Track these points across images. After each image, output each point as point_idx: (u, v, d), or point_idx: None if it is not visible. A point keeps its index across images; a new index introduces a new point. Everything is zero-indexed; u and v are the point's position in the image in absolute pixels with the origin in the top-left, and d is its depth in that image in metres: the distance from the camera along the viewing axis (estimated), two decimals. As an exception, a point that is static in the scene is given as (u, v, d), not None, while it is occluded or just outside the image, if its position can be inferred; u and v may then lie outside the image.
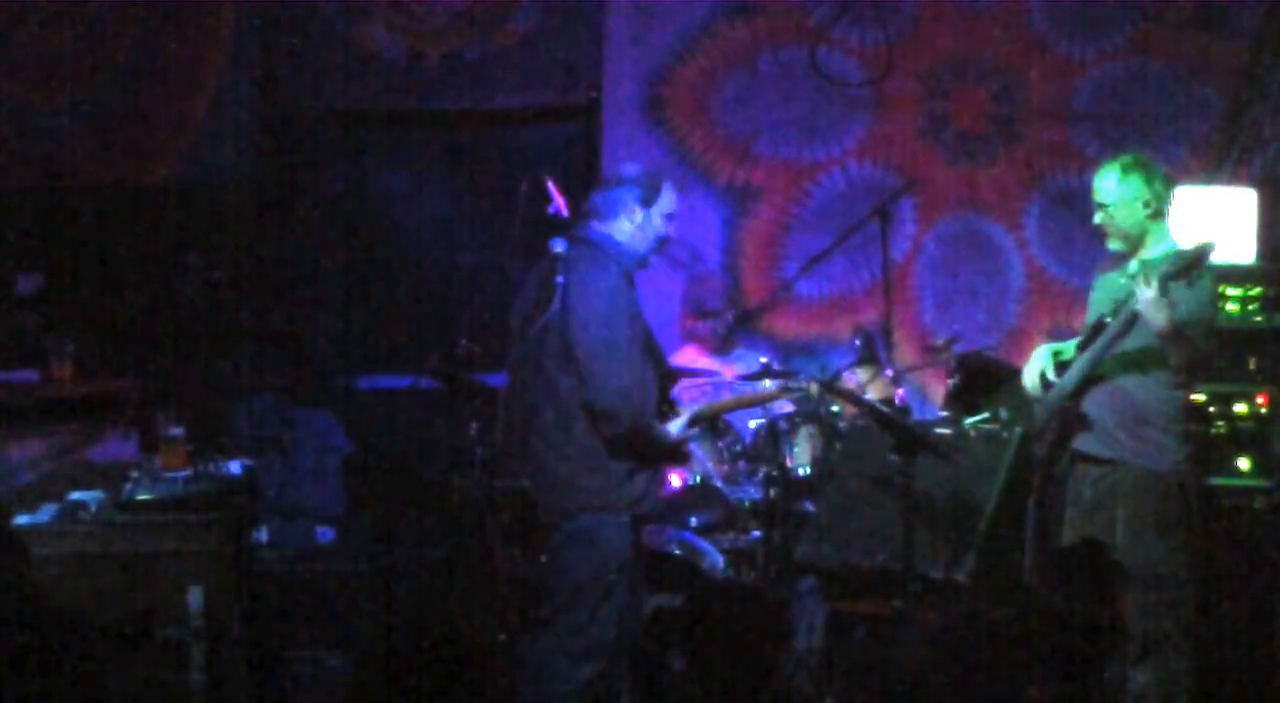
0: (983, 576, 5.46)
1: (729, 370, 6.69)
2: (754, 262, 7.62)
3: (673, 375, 5.21)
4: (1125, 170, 4.96)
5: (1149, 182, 4.95)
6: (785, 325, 7.57)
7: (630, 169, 4.96)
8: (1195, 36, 7.23)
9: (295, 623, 6.13)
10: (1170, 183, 5.04)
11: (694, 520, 6.12)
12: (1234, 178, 6.83)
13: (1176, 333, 4.73)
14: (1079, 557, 5.05)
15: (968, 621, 5.44)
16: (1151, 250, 4.98)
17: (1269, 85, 7.07)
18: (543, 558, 4.91)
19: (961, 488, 5.53)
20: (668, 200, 4.82)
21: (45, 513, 5.09)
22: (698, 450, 6.21)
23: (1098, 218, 5.02)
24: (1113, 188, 4.96)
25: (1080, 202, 6.48)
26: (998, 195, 7.48)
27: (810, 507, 6.13)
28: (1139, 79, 7.29)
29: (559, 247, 4.70)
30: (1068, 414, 5.02)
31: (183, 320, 7.50)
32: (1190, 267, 4.68)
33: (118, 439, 5.91)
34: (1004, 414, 6.11)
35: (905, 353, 7.20)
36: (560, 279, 4.63)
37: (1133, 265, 4.99)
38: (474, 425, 5.90)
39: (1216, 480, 5.72)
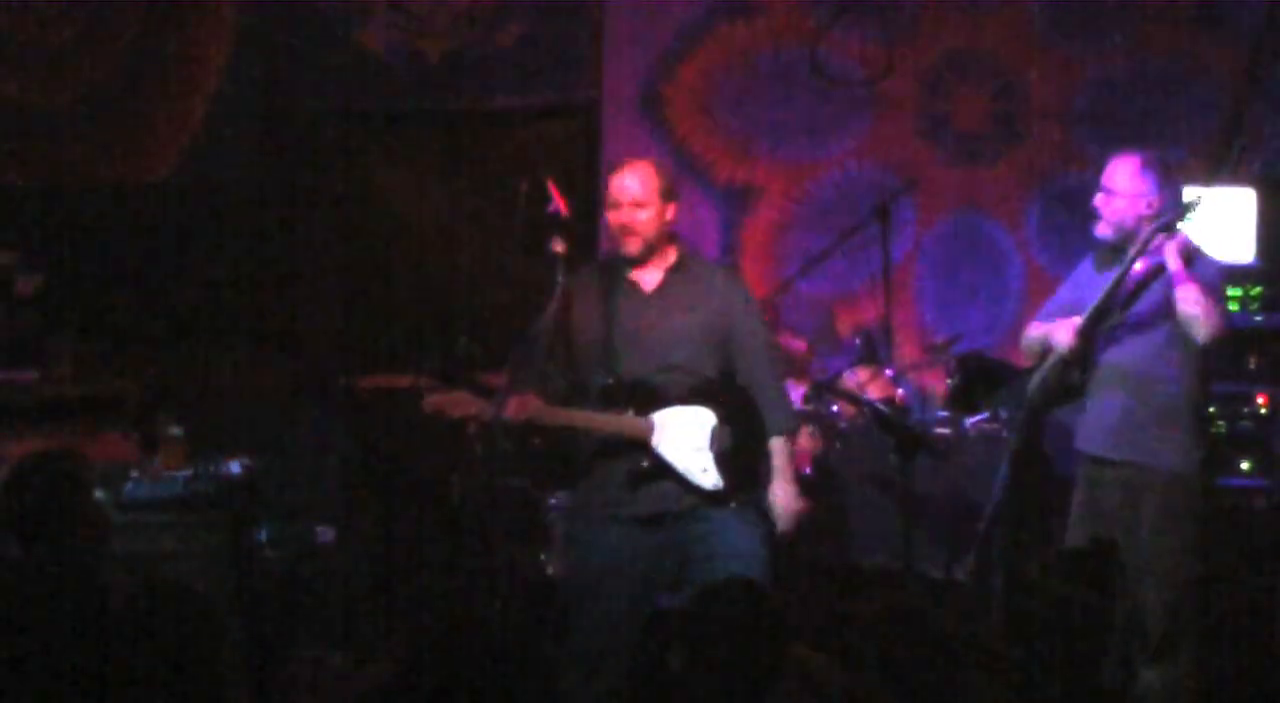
0: (983, 576, 5.47)
1: None
2: (754, 262, 7.61)
3: None
4: (1144, 165, 4.94)
5: (1161, 185, 4.93)
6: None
7: None
8: (1195, 36, 7.23)
9: (295, 623, 6.13)
10: (1179, 192, 5.01)
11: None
12: (1234, 178, 6.83)
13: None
14: (1085, 556, 5.03)
15: (967, 620, 5.45)
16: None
17: (1269, 85, 7.07)
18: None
19: (961, 488, 5.54)
20: (607, 192, 4.82)
21: (45, 513, 5.08)
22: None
23: (1097, 199, 5.01)
24: (1125, 178, 4.94)
25: (1080, 201, 6.47)
26: (998, 195, 7.47)
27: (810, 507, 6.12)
28: (1139, 79, 7.29)
29: (559, 247, 4.73)
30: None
31: (183, 320, 7.49)
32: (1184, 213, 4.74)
33: (118, 439, 5.91)
34: (1004, 414, 6.11)
35: (905, 353, 7.20)
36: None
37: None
38: (474, 425, 5.88)
39: (1216, 480, 5.71)
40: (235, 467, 5.48)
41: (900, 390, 6.58)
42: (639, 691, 5.19)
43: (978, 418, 6.15)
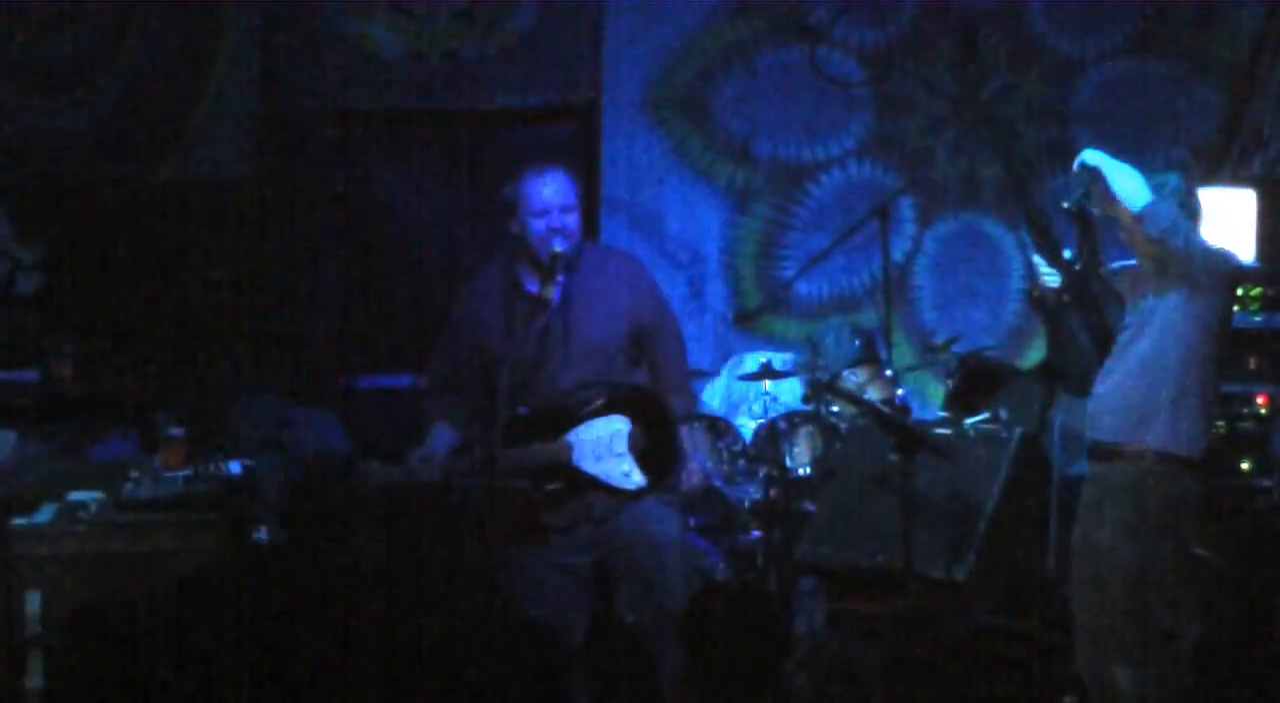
0: (983, 576, 5.46)
1: None
2: (754, 262, 7.62)
3: None
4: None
5: (1182, 207, 4.88)
6: (785, 325, 7.57)
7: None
8: (1195, 36, 7.23)
9: (295, 623, 6.12)
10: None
11: (693, 521, 6.11)
12: (1234, 178, 6.83)
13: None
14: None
15: (967, 620, 5.45)
16: None
17: (1269, 85, 7.08)
18: None
19: (961, 488, 5.53)
20: (528, 200, 4.82)
21: (45, 513, 5.09)
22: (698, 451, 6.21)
23: None
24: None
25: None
26: (998, 195, 7.48)
27: (810, 507, 6.13)
28: (1139, 79, 7.30)
29: (559, 246, 4.76)
30: None
31: (183, 320, 7.49)
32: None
33: (118, 439, 5.91)
34: (1004, 414, 6.10)
35: (905, 353, 7.20)
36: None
37: None
38: (474, 425, 5.88)
39: (1214, 481, 5.70)
40: (235, 467, 5.47)
41: (900, 390, 6.58)
42: (637, 688, 5.19)
43: (978, 418, 6.14)
